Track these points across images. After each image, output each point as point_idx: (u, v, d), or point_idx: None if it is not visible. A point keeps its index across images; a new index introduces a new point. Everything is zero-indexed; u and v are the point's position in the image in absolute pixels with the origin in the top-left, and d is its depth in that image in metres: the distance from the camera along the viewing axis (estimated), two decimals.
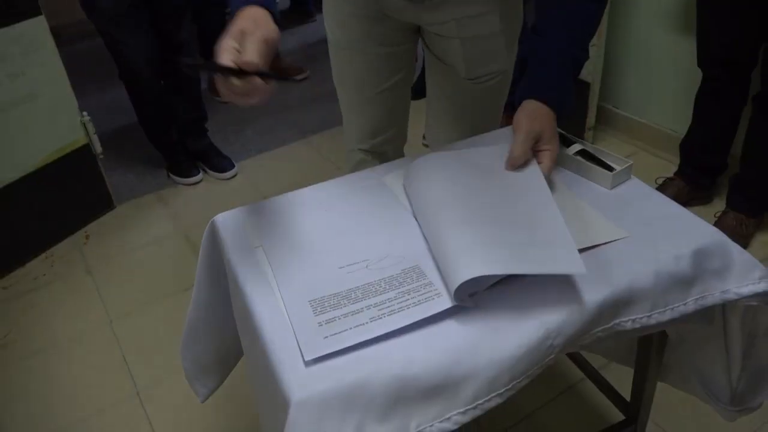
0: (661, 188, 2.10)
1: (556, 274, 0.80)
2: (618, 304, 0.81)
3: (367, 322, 0.76)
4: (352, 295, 0.80)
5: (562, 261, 0.78)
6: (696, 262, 0.85)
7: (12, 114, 1.96)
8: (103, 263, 2.11)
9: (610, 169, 1.02)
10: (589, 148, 1.07)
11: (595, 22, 1.06)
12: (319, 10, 3.93)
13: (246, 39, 0.80)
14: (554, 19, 1.03)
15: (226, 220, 0.98)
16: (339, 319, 0.77)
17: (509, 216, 0.87)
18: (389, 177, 1.06)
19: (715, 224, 1.92)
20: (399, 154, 1.52)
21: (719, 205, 2.06)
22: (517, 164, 0.99)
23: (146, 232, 2.25)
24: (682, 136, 2.10)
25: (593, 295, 0.79)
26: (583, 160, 1.04)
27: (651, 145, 2.43)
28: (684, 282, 0.85)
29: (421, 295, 0.79)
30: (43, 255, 2.16)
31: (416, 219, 0.94)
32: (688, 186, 2.08)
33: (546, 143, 1.00)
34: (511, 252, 0.79)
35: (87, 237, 2.24)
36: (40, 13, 1.96)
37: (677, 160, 2.14)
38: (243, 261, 0.89)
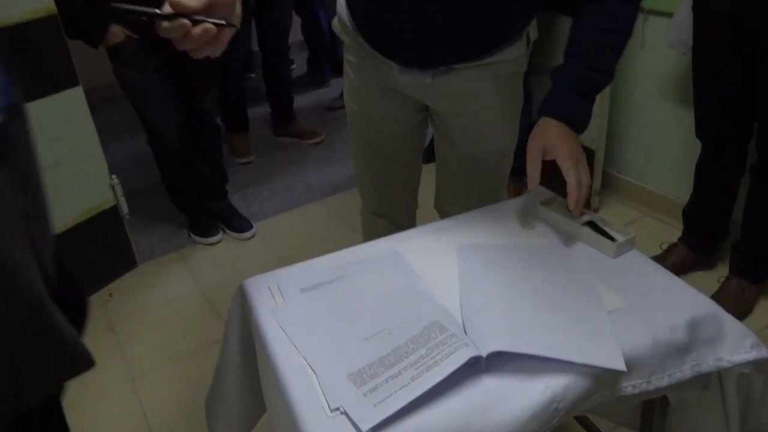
0: (666, 254, 2.17)
1: (596, 366, 0.85)
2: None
3: (409, 383, 0.82)
4: (386, 361, 0.86)
5: (604, 354, 0.85)
6: (691, 332, 0.92)
7: (47, 176, 2.06)
8: (126, 320, 2.18)
9: (613, 239, 1.10)
10: (596, 220, 1.16)
11: (617, 51, 1.17)
12: (335, 75, 4.14)
13: None
14: (576, 44, 1.17)
15: (253, 284, 1.07)
16: (381, 385, 0.82)
17: (558, 304, 0.95)
18: (404, 246, 1.14)
19: (719, 290, 2.00)
20: (411, 217, 1.62)
21: (723, 270, 2.12)
22: (532, 185, 1.14)
23: (167, 291, 2.33)
24: (685, 203, 2.18)
25: None
26: (590, 230, 1.13)
27: (655, 210, 2.51)
28: (680, 350, 0.91)
29: (449, 346, 0.86)
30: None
31: (459, 287, 1.01)
32: (692, 252, 2.15)
33: (559, 155, 1.12)
34: (555, 337, 0.87)
35: (110, 295, 2.32)
36: (78, 84, 2.10)
37: (681, 226, 2.21)
38: (270, 327, 0.97)
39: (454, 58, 1.24)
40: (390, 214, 1.58)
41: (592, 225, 1.13)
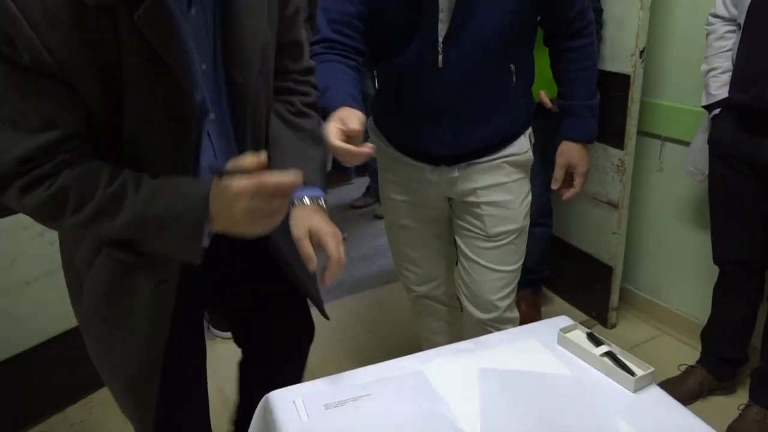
0: (684, 376, 2.15)
1: None
2: None
3: None
4: None
5: None
6: None
7: (49, 282, 2.10)
8: None
9: (632, 373, 1.12)
10: (616, 351, 1.18)
11: (596, 75, 1.67)
12: (358, 174, 4.27)
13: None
14: (571, 83, 1.62)
15: (278, 398, 1.09)
16: None
17: None
18: (426, 366, 1.17)
19: (739, 418, 1.97)
20: (453, 296, 1.88)
21: (743, 395, 2.10)
22: (556, 186, 1.69)
23: None
24: (704, 324, 2.18)
25: None
26: (608, 362, 1.15)
27: (673, 329, 2.51)
28: None
29: None
30: (83, 401, 2.25)
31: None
32: (711, 375, 2.13)
33: (576, 170, 1.66)
34: None
35: None
36: None
37: (699, 346, 2.20)
38: None
39: (473, 155, 1.59)
40: (432, 294, 1.86)
41: (611, 356, 1.16)
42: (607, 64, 2.27)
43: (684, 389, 2.09)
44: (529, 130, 1.68)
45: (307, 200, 1.15)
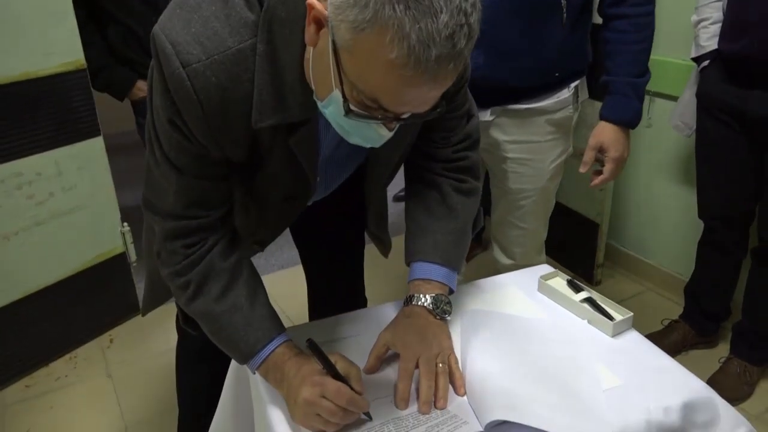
0: (667, 330, 2.17)
1: None
2: None
3: None
4: (385, 429, 0.88)
5: None
6: (684, 414, 0.93)
7: (61, 222, 2.13)
8: (124, 368, 2.19)
9: (611, 318, 1.12)
10: (596, 297, 1.17)
11: (649, 51, 1.49)
12: None
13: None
14: (617, 59, 1.48)
15: None
16: None
17: (556, 379, 0.97)
18: None
19: (719, 370, 2.00)
20: None
21: (724, 349, 2.12)
22: (584, 169, 1.54)
23: (167, 340, 2.31)
24: (687, 280, 2.20)
25: None
26: (588, 308, 1.14)
27: (658, 286, 2.53)
28: None
29: (449, 425, 0.88)
30: (68, 356, 2.25)
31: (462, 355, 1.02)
32: (693, 330, 2.15)
33: (608, 154, 1.51)
34: (550, 410, 0.89)
35: (111, 340, 2.33)
36: (99, 135, 2.18)
37: (683, 302, 2.22)
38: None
39: (508, 95, 1.52)
40: None
41: (591, 302, 1.15)
42: (594, 17, 2.22)
43: (666, 343, 2.10)
44: (577, 83, 1.58)
45: (429, 302, 1.04)
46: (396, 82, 0.69)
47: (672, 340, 2.13)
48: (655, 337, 2.13)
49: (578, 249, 2.60)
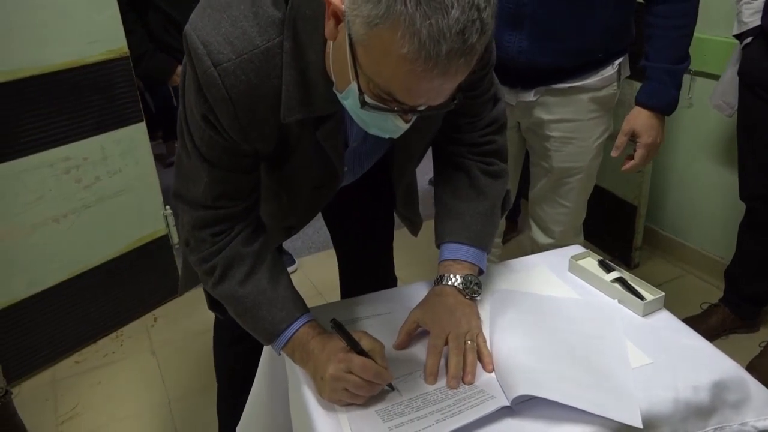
0: (706, 314, 2.14)
1: (614, 420, 0.86)
2: None
3: (433, 424, 0.86)
4: (414, 404, 0.91)
5: (624, 410, 0.87)
6: (714, 394, 0.93)
7: (107, 206, 2.21)
8: (168, 346, 2.27)
9: (642, 298, 1.12)
10: (627, 277, 1.17)
11: (690, 37, 1.48)
12: None
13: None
14: (657, 44, 1.47)
15: None
16: (407, 423, 0.87)
17: (585, 356, 0.98)
18: None
19: (760, 354, 1.96)
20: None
21: (765, 334, 2.08)
22: (616, 154, 1.54)
23: (208, 320, 2.38)
24: (728, 263, 2.15)
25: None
26: (619, 288, 1.14)
27: (697, 269, 2.48)
28: (702, 411, 0.92)
29: (476, 399, 0.90)
30: (114, 333, 2.34)
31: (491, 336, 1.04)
32: (734, 314, 2.11)
33: (640, 140, 1.52)
34: (578, 387, 0.90)
35: (155, 320, 2.42)
36: (142, 120, 2.25)
37: (723, 286, 2.18)
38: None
39: (551, 76, 1.52)
40: None
41: (622, 282, 1.15)
42: None
43: (705, 327, 2.07)
44: (620, 60, 1.57)
45: (459, 282, 1.06)
46: (408, 76, 0.71)
47: (711, 324, 2.09)
48: (694, 321, 2.10)
49: (616, 232, 2.57)
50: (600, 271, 1.19)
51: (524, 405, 0.89)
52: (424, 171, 1.25)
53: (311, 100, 0.87)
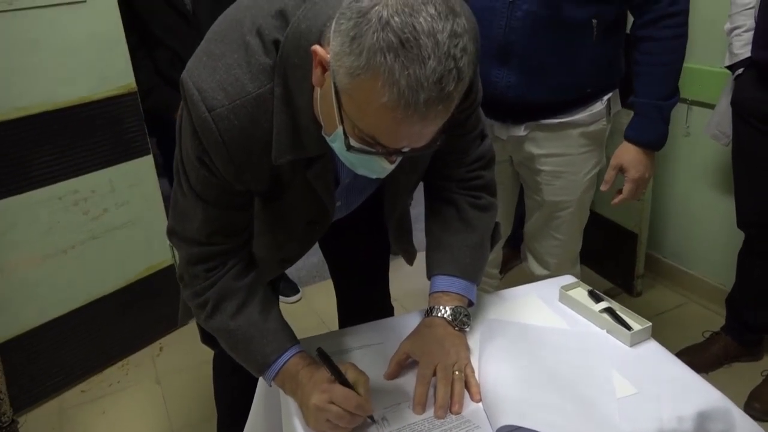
0: (708, 343, 2.13)
1: None
2: None
3: None
4: None
5: None
6: (699, 424, 0.94)
7: (114, 236, 2.26)
8: (173, 375, 2.29)
9: (629, 328, 1.13)
10: (615, 307, 1.19)
11: (679, 72, 1.50)
12: None
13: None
14: (645, 80, 1.48)
15: None
16: None
17: (571, 386, 1.00)
18: None
19: (763, 382, 1.95)
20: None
21: None
22: (605, 188, 1.58)
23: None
24: (729, 290, 2.15)
25: None
26: (607, 318, 1.16)
27: (699, 296, 2.48)
28: None
29: (462, 429, 0.93)
30: (120, 363, 2.37)
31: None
32: (736, 342, 2.10)
33: (628, 174, 1.54)
34: (563, 417, 0.92)
35: (161, 349, 2.45)
36: (149, 153, 2.31)
37: (725, 313, 2.18)
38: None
39: (541, 111, 1.55)
40: None
41: (610, 312, 1.17)
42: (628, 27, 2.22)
43: (707, 356, 2.07)
44: (609, 96, 1.58)
45: (448, 314, 1.09)
46: (389, 123, 0.75)
47: (713, 353, 2.09)
48: (696, 350, 2.10)
49: (617, 260, 2.59)
50: (589, 301, 1.22)
51: None
52: (420, 200, 1.28)
53: (301, 143, 0.91)
